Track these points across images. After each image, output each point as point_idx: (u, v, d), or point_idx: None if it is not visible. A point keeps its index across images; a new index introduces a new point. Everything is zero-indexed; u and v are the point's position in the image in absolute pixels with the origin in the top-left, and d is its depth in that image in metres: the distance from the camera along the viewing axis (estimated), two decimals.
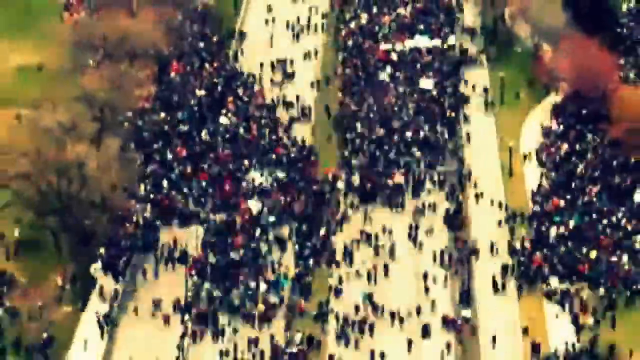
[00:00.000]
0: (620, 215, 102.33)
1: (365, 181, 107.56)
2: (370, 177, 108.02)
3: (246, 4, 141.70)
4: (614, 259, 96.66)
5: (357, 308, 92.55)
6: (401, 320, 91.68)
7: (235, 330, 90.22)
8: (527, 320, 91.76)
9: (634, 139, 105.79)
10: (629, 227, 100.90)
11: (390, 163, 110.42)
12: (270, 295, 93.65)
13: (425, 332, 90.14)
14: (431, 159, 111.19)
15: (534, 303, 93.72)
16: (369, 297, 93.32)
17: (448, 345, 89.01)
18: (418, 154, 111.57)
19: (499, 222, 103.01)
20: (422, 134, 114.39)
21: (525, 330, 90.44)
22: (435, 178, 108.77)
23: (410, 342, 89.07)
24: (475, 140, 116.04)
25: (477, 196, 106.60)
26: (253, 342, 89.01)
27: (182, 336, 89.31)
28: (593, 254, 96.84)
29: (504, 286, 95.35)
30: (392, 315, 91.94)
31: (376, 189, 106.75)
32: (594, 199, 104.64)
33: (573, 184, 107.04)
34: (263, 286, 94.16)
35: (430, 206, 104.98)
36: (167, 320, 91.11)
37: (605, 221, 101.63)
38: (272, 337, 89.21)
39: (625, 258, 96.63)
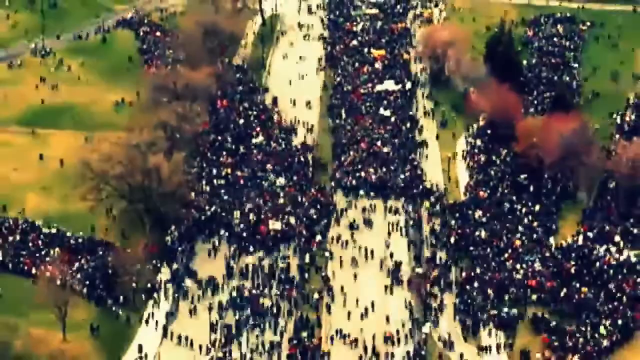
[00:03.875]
0: (521, 204, 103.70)
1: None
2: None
3: (270, 61, 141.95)
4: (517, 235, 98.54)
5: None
6: None
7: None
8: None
9: (531, 153, 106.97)
10: (524, 211, 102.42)
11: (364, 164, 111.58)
12: None
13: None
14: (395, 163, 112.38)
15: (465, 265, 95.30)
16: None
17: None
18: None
19: (441, 209, 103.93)
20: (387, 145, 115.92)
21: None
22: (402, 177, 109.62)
23: None
24: (425, 153, 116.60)
25: (426, 191, 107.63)
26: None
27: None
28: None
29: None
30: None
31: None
32: (505, 192, 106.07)
33: (490, 183, 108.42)
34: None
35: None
36: (212, 278, 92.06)
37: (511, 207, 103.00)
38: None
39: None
